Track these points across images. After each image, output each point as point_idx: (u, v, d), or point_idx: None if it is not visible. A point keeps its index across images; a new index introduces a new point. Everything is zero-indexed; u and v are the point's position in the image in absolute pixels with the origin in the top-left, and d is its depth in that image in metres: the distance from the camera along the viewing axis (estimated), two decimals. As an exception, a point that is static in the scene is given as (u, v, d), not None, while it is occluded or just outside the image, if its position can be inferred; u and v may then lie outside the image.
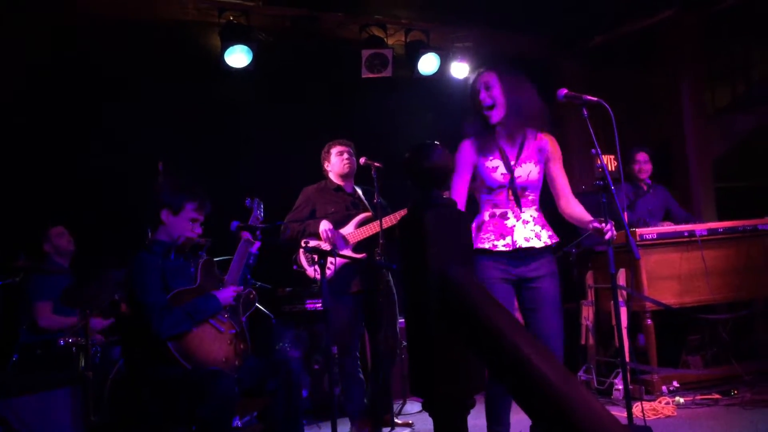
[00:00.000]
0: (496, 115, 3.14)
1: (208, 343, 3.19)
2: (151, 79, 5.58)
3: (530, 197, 3.18)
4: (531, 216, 3.15)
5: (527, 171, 3.15)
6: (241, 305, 3.49)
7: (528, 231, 3.11)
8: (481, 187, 3.18)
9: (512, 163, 3.15)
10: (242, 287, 3.45)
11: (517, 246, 3.07)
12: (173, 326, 3.07)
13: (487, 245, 3.08)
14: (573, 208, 3.23)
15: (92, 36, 5.42)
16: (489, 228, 3.12)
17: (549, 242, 3.13)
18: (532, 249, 3.09)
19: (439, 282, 1.40)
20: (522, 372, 1.18)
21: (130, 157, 5.12)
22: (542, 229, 3.15)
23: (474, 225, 3.18)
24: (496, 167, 3.14)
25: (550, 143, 3.24)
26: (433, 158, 1.54)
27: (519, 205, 3.13)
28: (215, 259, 3.54)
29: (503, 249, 3.07)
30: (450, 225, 1.47)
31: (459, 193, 3.16)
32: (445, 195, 3.28)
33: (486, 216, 3.16)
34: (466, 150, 3.18)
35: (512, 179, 3.13)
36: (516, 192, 3.14)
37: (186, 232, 3.34)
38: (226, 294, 3.31)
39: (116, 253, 4.12)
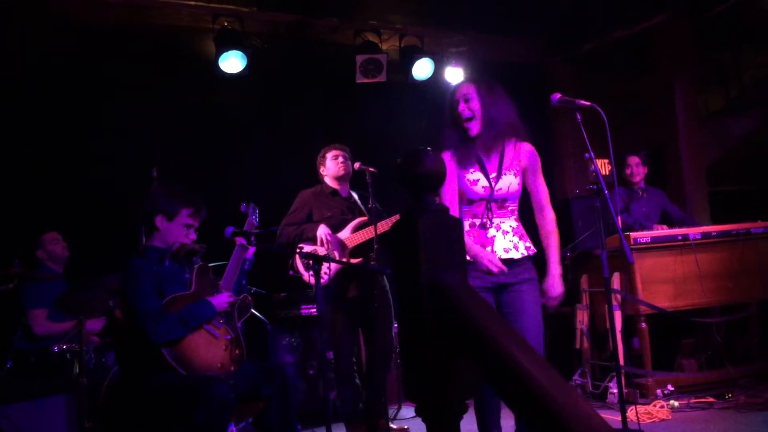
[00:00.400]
0: (475, 127, 3.15)
1: (204, 348, 3.19)
2: (145, 84, 5.59)
3: (510, 207, 3.19)
4: (510, 226, 3.16)
5: (507, 183, 3.16)
6: (237, 311, 3.49)
7: (507, 242, 3.12)
8: (460, 199, 3.19)
9: (493, 175, 3.15)
10: (235, 297, 3.45)
11: (497, 257, 3.06)
12: (168, 332, 3.07)
13: (467, 255, 3.06)
14: (548, 235, 3.21)
15: (86, 41, 5.42)
16: (469, 238, 3.12)
17: (526, 253, 3.14)
18: (510, 260, 3.09)
19: (432, 287, 1.41)
20: (514, 377, 1.18)
21: (125, 162, 5.12)
22: (520, 239, 3.15)
23: None
24: (476, 180, 3.15)
25: (529, 153, 3.24)
26: (426, 164, 1.54)
27: (499, 216, 3.15)
28: (210, 265, 3.54)
29: None
30: (442, 230, 1.48)
31: (452, 203, 3.16)
32: (437, 200, 3.27)
33: (466, 226, 3.15)
34: (448, 162, 3.15)
35: (492, 192, 3.14)
36: (497, 204, 3.15)
37: (181, 237, 3.34)
38: (221, 299, 3.31)
39: (111, 259, 4.13)
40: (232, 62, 5.69)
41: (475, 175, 3.15)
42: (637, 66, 7.18)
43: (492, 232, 3.12)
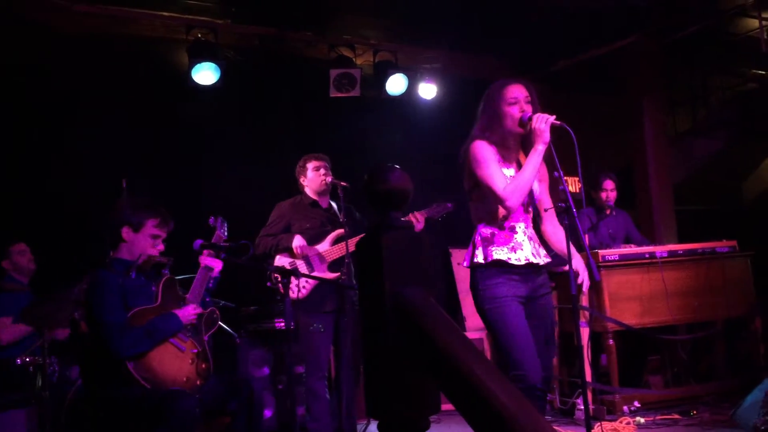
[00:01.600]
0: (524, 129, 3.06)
1: (169, 362, 3.16)
2: (116, 95, 5.54)
3: (532, 213, 3.15)
4: (533, 232, 3.12)
5: (535, 187, 3.12)
6: (204, 324, 3.46)
7: (533, 247, 3.06)
8: (483, 198, 3.07)
9: None
10: (202, 310, 3.42)
11: (528, 261, 3.00)
12: (132, 346, 3.03)
13: (502, 257, 2.98)
14: (560, 236, 3.19)
15: (57, 51, 5.37)
16: (501, 240, 3.02)
17: (545, 260, 3.11)
18: (538, 265, 3.05)
19: (395, 304, 1.41)
20: (474, 393, 1.19)
21: (94, 174, 5.07)
22: (539, 246, 3.12)
23: (480, 237, 3.06)
24: (512, 177, 3.05)
25: (543, 165, 3.18)
26: (391, 181, 1.55)
27: (525, 221, 3.09)
28: (178, 278, 3.51)
29: (516, 263, 2.99)
30: (407, 247, 1.48)
31: (503, 178, 3.01)
32: (501, 183, 3.13)
33: (496, 228, 3.05)
34: (489, 148, 3.02)
35: (532, 192, 3.07)
36: (533, 205, 3.13)
37: (147, 249, 3.31)
38: (187, 312, 3.28)
39: (77, 271, 4.07)
40: (206, 74, 5.65)
41: (511, 171, 3.05)
42: (607, 86, 7.29)
43: (521, 236, 3.03)
